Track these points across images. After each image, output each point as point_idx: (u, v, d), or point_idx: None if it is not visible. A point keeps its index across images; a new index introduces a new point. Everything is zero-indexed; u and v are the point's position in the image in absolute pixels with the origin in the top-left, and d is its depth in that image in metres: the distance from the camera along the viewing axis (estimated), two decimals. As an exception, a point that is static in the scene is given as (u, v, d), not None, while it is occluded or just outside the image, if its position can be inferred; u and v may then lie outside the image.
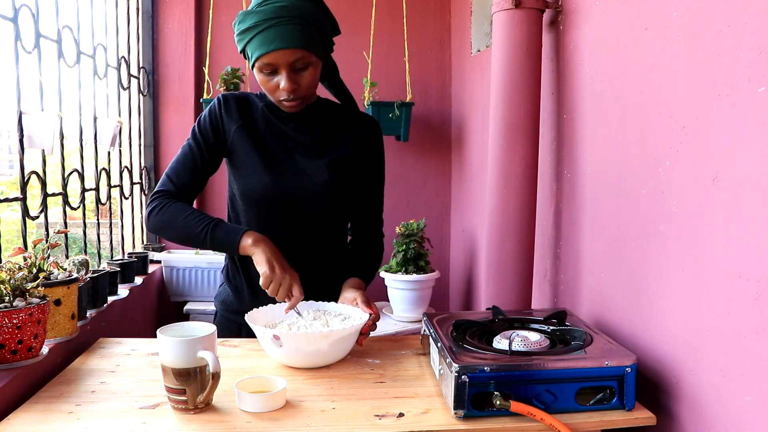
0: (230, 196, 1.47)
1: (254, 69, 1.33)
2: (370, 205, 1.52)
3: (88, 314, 1.55)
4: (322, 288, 1.44)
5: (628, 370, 1.05)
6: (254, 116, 1.42)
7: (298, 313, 1.31)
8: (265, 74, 1.31)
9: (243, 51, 1.34)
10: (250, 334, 1.35)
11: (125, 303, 1.90)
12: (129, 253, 2.28)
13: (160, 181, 1.40)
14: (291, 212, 1.41)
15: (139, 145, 2.62)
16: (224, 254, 1.50)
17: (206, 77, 2.69)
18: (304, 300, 1.37)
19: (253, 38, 1.28)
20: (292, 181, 1.39)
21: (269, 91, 1.34)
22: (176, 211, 1.34)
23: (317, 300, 1.39)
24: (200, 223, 1.32)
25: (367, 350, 1.36)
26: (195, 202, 1.49)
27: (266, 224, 1.41)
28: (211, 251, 2.59)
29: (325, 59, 1.43)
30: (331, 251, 1.48)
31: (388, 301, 2.52)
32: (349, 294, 1.37)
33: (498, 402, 1.01)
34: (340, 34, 1.40)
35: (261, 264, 1.28)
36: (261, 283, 1.28)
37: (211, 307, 1.56)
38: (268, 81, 1.32)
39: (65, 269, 1.36)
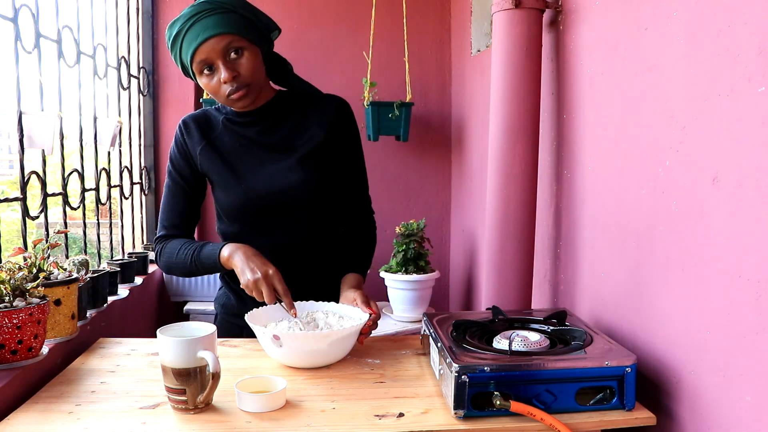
0: (216, 211, 1.48)
1: (196, 76, 1.32)
2: (354, 186, 1.49)
3: (88, 314, 1.55)
4: (320, 287, 1.44)
5: (628, 370, 1.05)
6: (216, 132, 1.42)
7: (294, 315, 1.30)
8: (206, 75, 1.30)
9: (182, 66, 1.32)
10: (251, 336, 1.35)
11: (125, 303, 1.90)
12: (129, 253, 2.28)
13: (158, 227, 1.45)
14: (274, 218, 1.40)
15: (139, 145, 2.62)
16: (192, 277, 1.52)
17: (206, 77, 2.69)
18: (303, 300, 1.37)
19: (183, 42, 1.28)
20: (266, 189, 1.38)
21: (214, 92, 1.32)
22: (169, 252, 1.39)
23: (317, 300, 1.39)
24: (186, 256, 1.36)
25: (367, 350, 1.36)
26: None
27: (253, 234, 1.40)
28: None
29: (270, 56, 1.42)
30: (325, 247, 1.46)
31: (388, 301, 2.52)
32: (349, 294, 1.36)
33: (498, 402, 1.01)
34: (280, 31, 1.39)
35: (239, 276, 1.29)
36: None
37: (211, 307, 1.56)
38: (210, 81, 1.30)
39: (65, 269, 1.36)
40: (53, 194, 1.72)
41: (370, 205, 1.54)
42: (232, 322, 1.48)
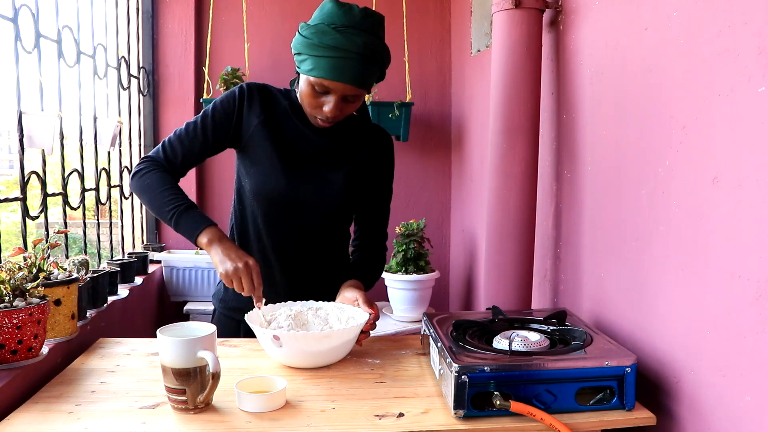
0: (237, 187, 1.46)
1: (303, 77, 1.30)
2: (376, 217, 1.52)
3: (88, 314, 1.55)
4: (320, 289, 1.44)
5: (628, 370, 1.05)
6: (276, 112, 1.40)
7: (265, 304, 1.30)
8: (315, 91, 1.29)
9: (299, 53, 1.29)
10: (248, 331, 1.35)
11: (125, 303, 1.90)
12: (129, 253, 2.28)
13: (155, 148, 1.39)
14: (299, 215, 1.40)
15: (139, 145, 2.62)
16: (159, 220, 1.47)
17: (206, 77, 2.69)
18: (303, 300, 1.37)
19: (324, 58, 1.24)
20: (308, 187, 1.38)
21: (311, 105, 1.32)
22: (156, 181, 1.33)
23: (315, 300, 1.39)
24: (171, 202, 1.31)
25: (367, 350, 1.36)
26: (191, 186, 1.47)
27: (271, 222, 1.40)
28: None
29: None
30: (332, 254, 1.48)
31: (388, 301, 2.52)
32: (349, 294, 1.36)
33: (498, 402, 1.01)
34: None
35: (217, 266, 1.27)
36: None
37: (212, 306, 1.56)
38: (314, 97, 1.30)
39: (65, 269, 1.36)
40: (53, 194, 1.72)
41: (385, 241, 1.55)
42: (229, 317, 1.48)
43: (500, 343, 1.15)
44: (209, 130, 1.38)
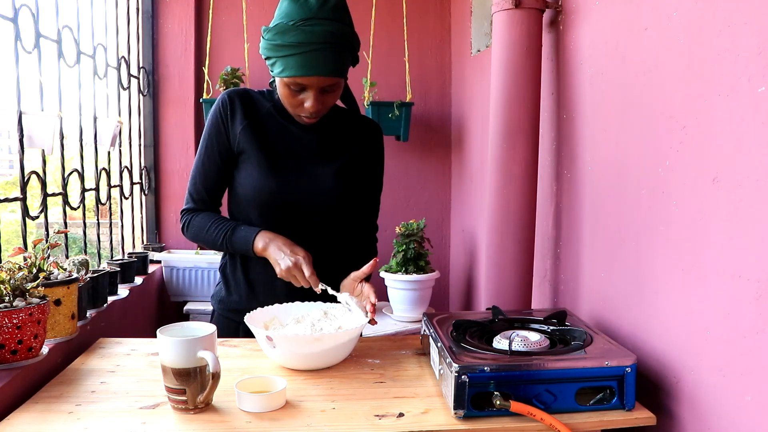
0: (230, 194, 1.46)
1: (278, 80, 1.31)
2: (366, 209, 1.52)
3: (88, 314, 1.55)
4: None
5: (628, 370, 1.05)
6: (260, 115, 1.40)
7: (326, 289, 1.32)
8: (292, 90, 1.30)
9: (268, 57, 1.30)
10: (247, 332, 1.35)
11: (125, 303, 1.90)
12: (129, 253, 2.29)
13: (185, 198, 1.45)
14: (294, 215, 1.40)
15: (139, 145, 2.63)
16: (221, 252, 1.50)
17: (206, 77, 2.69)
18: (301, 299, 1.38)
19: (291, 56, 1.25)
20: (299, 186, 1.38)
21: (292, 105, 1.33)
22: (198, 225, 1.41)
23: (315, 300, 1.38)
24: (218, 235, 1.38)
25: (367, 350, 1.36)
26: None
27: (266, 224, 1.40)
28: (211, 251, 2.61)
29: None
30: (330, 250, 1.47)
31: (388, 301, 2.52)
32: (347, 281, 1.38)
33: (498, 402, 1.01)
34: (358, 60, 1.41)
35: (274, 266, 1.32)
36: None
37: (212, 306, 1.56)
38: (293, 96, 1.31)
39: (65, 269, 1.36)
40: (53, 194, 1.72)
41: (375, 233, 1.56)
42: (229, 318, 1.48)
43: (500, 343, 1.15)
44: (215, 153, 1.41)
